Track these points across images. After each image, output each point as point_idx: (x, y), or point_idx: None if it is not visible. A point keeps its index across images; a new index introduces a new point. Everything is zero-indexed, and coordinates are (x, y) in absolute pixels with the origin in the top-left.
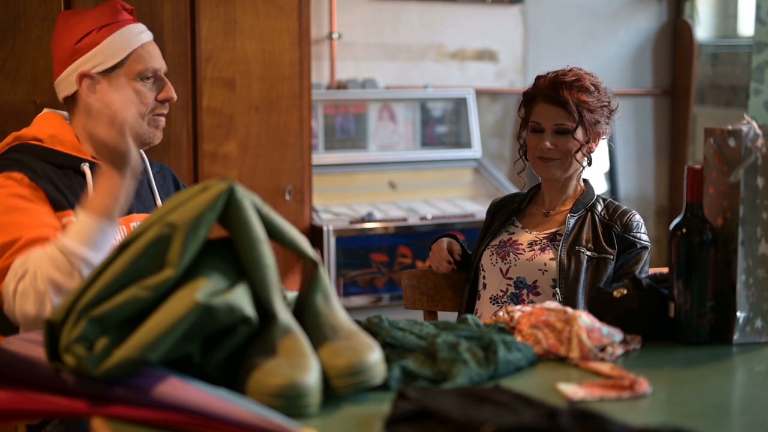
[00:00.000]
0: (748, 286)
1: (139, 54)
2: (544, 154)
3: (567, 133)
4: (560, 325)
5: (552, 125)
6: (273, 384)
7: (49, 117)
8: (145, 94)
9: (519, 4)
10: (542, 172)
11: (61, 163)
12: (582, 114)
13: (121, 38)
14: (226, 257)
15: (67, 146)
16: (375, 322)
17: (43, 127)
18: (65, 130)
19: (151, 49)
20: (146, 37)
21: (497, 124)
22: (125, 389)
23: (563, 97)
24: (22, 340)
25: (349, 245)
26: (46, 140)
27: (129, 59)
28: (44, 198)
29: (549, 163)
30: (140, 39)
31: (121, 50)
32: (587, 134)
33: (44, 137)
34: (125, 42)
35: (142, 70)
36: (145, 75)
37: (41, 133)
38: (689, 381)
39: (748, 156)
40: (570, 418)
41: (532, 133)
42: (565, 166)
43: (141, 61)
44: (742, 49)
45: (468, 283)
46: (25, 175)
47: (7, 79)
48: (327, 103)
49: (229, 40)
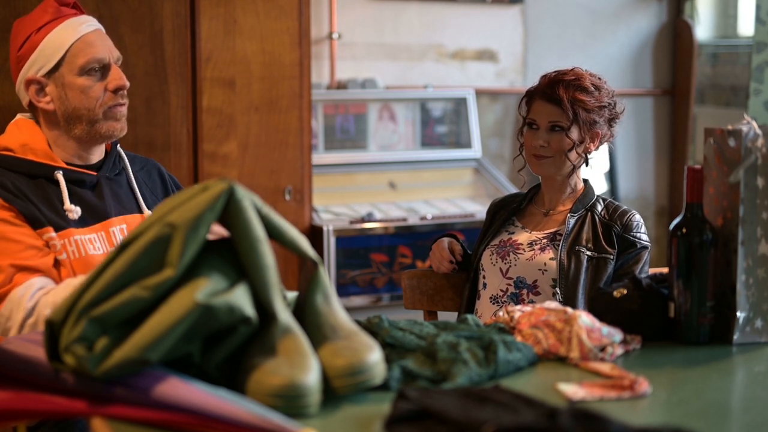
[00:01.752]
0: (748, 286)
1: (79, 47)
2: (537, 151)
3: (561, 131)
4: (560, 325)
5: (546, 122)
6: (273, 384)
7: (21, 124)
8: (92, 87)
9: (519, 4)
10: (536, 169)
11: (34, 173)
12: (577, 112)
13: (58, 35)
14: (226, 257)
15: (39, 154)
16: (375, 322)
17: (15, 135)
18: (37, 137)
19: (93, 39)
20: (88, 28)
21: (497, 124)
22: (125, 389)
23: (558, 95)
24: (22, 340)
25: (349, 245)
26: (18, 150)
27: (68, 55)
28: (20, 216)
29: (542, 160)
30: (80, 31)
31: (59, 48)
32: (582, 133)
33: (15, 147)
34: (63, 38)
35: (83, 64)
36: (88, 68)
37: (12, 142)
38: (689, 381)
39: (748, 156)
40: (570, 418)
41: (528, 131)
42: (558, 164)
43: (81, 54)
44: (742, 49)
45: (468, 283)
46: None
47: (7, 79)
48: (327, 103)
49: (229, 40)
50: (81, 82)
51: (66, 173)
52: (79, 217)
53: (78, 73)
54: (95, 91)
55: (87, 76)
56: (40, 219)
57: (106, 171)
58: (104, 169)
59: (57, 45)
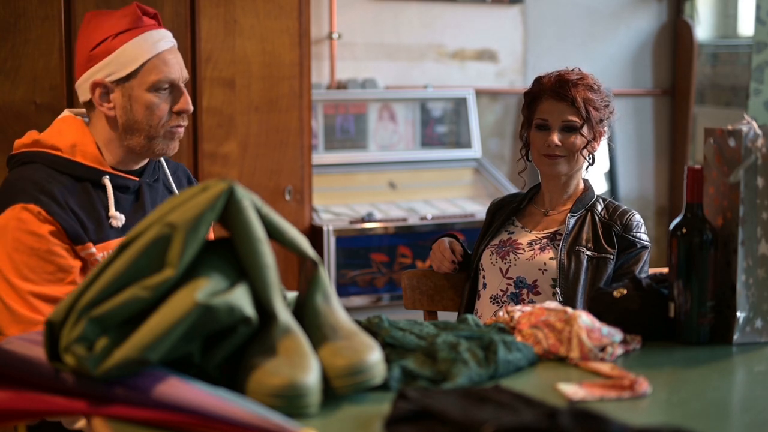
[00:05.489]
0: (748, 286)
1: (154, 64)
2: (552, 151)
3: (574, 131)
4: (560, 325)
5: (560, 122)
6: (273, 384)
7: (69, 122)
8: (159, 105)
9: (519, 4)
10: (548, 169)
11: (81, 176)
12: (589, 111)
13: (136, 47)
14: (226, 257)
15: (88, 157)
16: (375, 322)
17: (64, 134)
18: (86, 138)
19: (169, 58)
20: (165, 45)
21: (497, 124)
22: (125, 389)
23: (571, 94)
24: (22, 340)
25: (349, 245)
26: (66, 150)
27: (143, 69)
28: (62, 233)
29: (555, 160)
30: (157, 47)
31: (134, 60)
32: (592, 132)
33: (64, 147)
34: (140, 51)
35: (155, 81)
36: (159, 86)
37: (61, 141)
38: (689, 381)
39: (748, 156)
40: (570, 418)
41: (538, 131)
42: (570, 164)
43: (155, 72)
44: (742, 49)
45: (468, 283)
46: (42, 209)
47: (7, 79)
48: (327, 103)
49: (229, 40)
50: (149, 98)
51: (112, 178)
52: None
53: (148, 89)
54: (161, 110)
55: (156, 93)
56: (82, 236)
57: (147, 177)
58: (146, 175)
59: (133, 56)
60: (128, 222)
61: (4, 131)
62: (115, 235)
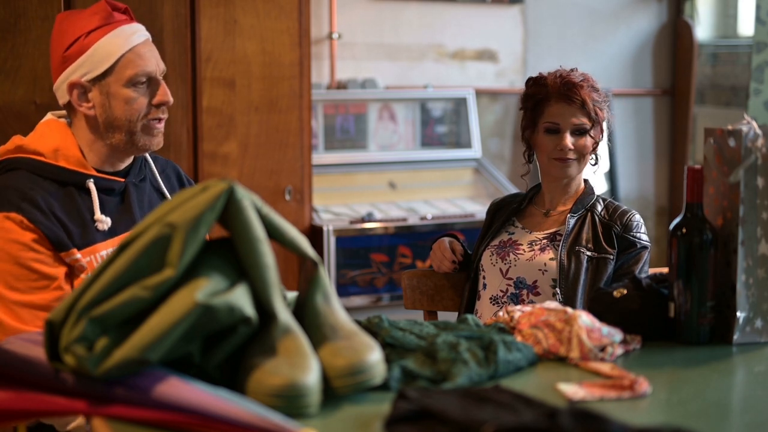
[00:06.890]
0: (748, 286)
1: (129, 59)
2: (565, 154)
3: (585, 133)
4: (560, 325)
5: (571, 125)
6: (273, 384)
7: (52, 125)
8: (138, 99)
9: (519, 4)
10: (559, 172)
11: (65, 180)
12: (597, 113)
13: (109, 43)
14: (226, 257)
15: (71, 161)
16: (375, 322)
17: (47, 138)
18: (69, 142)
19: (144, 51)
20: (138, 38)
21: (497, 124)
22: (125, 389)
23: (580, 96)
24: (22, 340)
25: (349, 245)
26: (49, 155)
27: (118, 65)
28: (44, 240)
29: (567, 162)
30: (131, 42)
31: (109, 56)
32: (599, 133)
33: (47, 152)
34: (113, 47)
35: (132, 76)
36: (136, 80)
37: (44, 146)
38: (689, 381)
39: (748, 156)
40: (570, 418)
41: (547, 134)
42: (581, 165)
43: (131, 66)
44: (742, 49)
45: (468, 283)
46: (24, 217)
47: (7, 79)
48: (327, 103)
49: (229, 40)
50: (127, 93)
51: (96, 181)
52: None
53: (125, 84)
54: (139, 104)
55: (134, 88)
56: (65, 242)
57: (132, 177)
58: (131, 175)
59: (107, 53)
60: (115, 224)
61: (4, 131)
62: (101, 238)
